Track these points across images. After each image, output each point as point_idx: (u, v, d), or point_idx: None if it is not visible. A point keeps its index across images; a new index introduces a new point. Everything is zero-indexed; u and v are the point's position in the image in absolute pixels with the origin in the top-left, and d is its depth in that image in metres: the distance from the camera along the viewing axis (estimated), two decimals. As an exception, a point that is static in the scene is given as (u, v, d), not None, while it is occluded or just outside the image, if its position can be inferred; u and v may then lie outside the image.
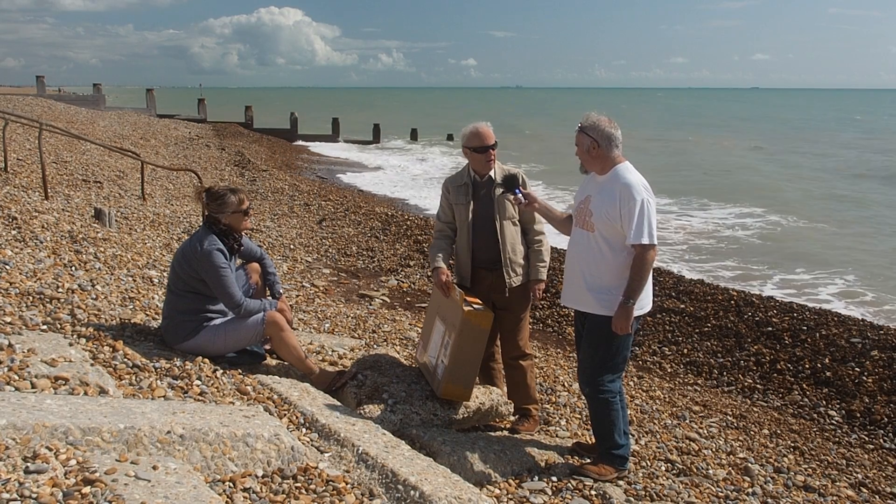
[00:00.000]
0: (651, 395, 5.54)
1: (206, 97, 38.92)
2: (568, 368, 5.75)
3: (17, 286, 3.79)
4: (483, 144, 3.71)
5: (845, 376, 6.12)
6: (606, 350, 3.27)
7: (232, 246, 3.64)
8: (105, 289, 4.28)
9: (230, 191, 3.67)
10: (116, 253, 5.53)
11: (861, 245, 13.63)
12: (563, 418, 4.42)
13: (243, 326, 3.56)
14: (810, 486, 4.06)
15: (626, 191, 3.11)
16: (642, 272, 3.09)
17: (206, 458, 2.39)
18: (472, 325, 3.45)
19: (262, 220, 11.15)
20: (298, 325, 5.32)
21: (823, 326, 7.14)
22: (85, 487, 1.94)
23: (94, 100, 35.01)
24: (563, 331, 7.38)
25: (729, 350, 6.85)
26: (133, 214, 8.48)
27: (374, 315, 6.40)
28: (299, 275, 8.06)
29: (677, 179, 22.98)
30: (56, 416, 2.25)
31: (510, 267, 3.73)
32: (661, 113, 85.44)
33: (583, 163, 3.32)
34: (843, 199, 19.72)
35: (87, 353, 3.14)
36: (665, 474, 3.77)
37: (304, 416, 3.05)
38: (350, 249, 9.94)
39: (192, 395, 3.03)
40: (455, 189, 3.86)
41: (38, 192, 7.87)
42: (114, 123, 23.11)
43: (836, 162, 29.95)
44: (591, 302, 3.25)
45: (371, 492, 2.57)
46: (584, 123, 3.24)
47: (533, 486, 3.21)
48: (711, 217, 16.68)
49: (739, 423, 5.16)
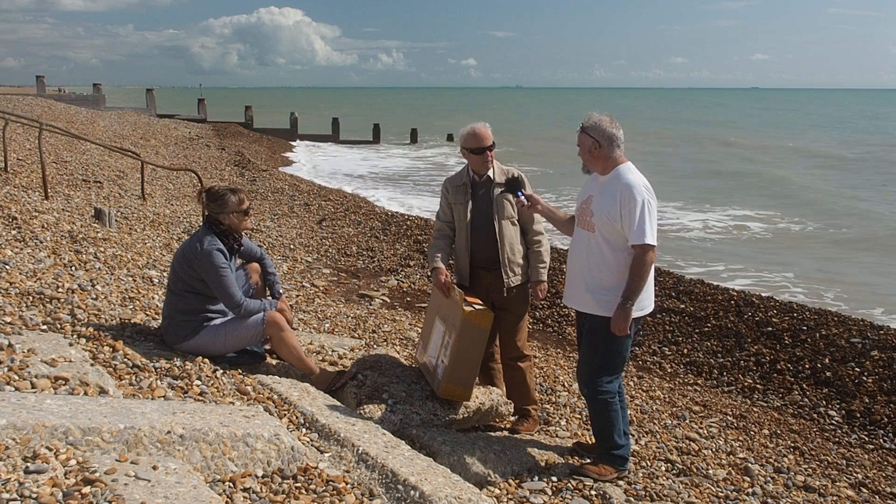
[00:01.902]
0: (651, 395, 5.54)
1: (206, 97, 38.93)
2: (568, 368, 5.75)
3: (17, 286, 3.79)
4: (480, 146, 3.71)
5: (845, 376, 6.12)
6: (605, 351, 3.26)
7: (232, 246, 3.64)
8: (105, 289, 4.28)
9: (230, 191, 3.67)
10: (116, 253, 5.53)
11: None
12: (562, 418, 4.42)
13: (243, 326, 3.56)
14: (810, 486, 4.06)
15: (627, 191, 3.10)
16: (641, 273, 3.09)
17: (206, 458, 2.39)
18: (472, 325, 3.45)
19: (262, 220, 11.15)
20: (298, 325, 5.32)
21: (823, 326, 7.13)
22: (85, 487, 1.94)
23: (94, 100, 35.02)
24: (563, 331, 7.38)
25: (729, 350, 6.85)
26: (133, 214, 8.48)
27: (374, 315, 6.40)
28: (299, 275, 8.06)
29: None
30: (56, 416, 2.24)
31: (508, 267, 3.73)
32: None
33: (585, 163, 3.32)
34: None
35: (87, 353, 3.14)
36: (665, 474, 3.77)
37: (304, 416, 3.05)
38: (350, 249, 9.94)
39: (192, 396, 3.03)
40: (454, 189, 3.86)
41: (38, 192, 7.87)
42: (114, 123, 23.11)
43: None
44: (591, 302, 3.25)
45: (371, 492, 2.57)
46: (586, 124, 3.24)
47: (533, 486, 3.21)
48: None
49: (739, 423, 5.16)
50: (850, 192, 21.44)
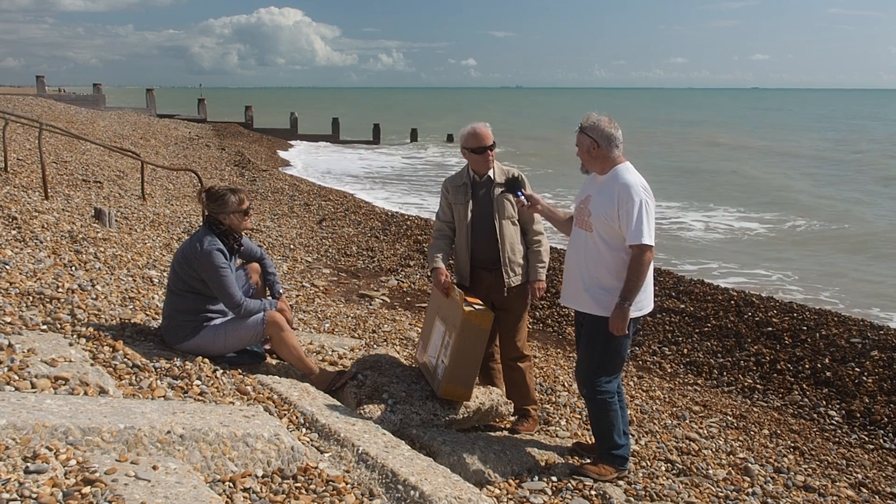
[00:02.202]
0: (651, 395, 5.54)
1: (206, 97, 38.95)
2: (568, 368, 5.75)
3: (17, 286, 3.78)
4: (480, 145, 3.71)
5: (845, 376, 6.12)
6: (604, 351, 3.26)
7: (232, 246, 3.64)
8: (105, 289, 4.28)
9: (230, 191, 3.67)
10: (116, 253, 5.53)
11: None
12: (562, 418, 4.42)
13: (243, 326, 3.56)
14: (810, 486, 4.06)
15: (625, 191, 3.10)
16: (639, 273, 3.09)
17: (206, 458, 2.39)
18: (472, 325, 3.45)
19: (262, 220, 11.15)
20: (298, 325, 5.32)
21: (823, 326, 7.14)
22: (85, 487, 1.94)
23: (94, 100, 35.03)
24: (563, 331, 7.38)
25: (729, 350, 6.85)
26: (133, 214, 8.48)
27: (374, 315, 6.40)
28: (299, 275, 8.06)
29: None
30: (56, 416, 2.24)
31: (509, 266, 3.73)
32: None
33: (583, 163, 3.32)
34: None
35: (87, 353, 3.14)
36: (665, 474, 3.77)
37: (304, 416, 3.05)
38: (350, 249, 9.94)
39: (192, 395, 3.03)
40: (454, 189, 3.86)
41: (38, 192, 7.87)
42: (114, 123, 23.12)
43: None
44: (589, 302, 3.25)
45: (371, 492, 2.57)
46: (585, 123, 3.24)
47: (533, 486, 3.21)
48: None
49: (739, 423, 5.16)
50: (821, 192, 21.37)
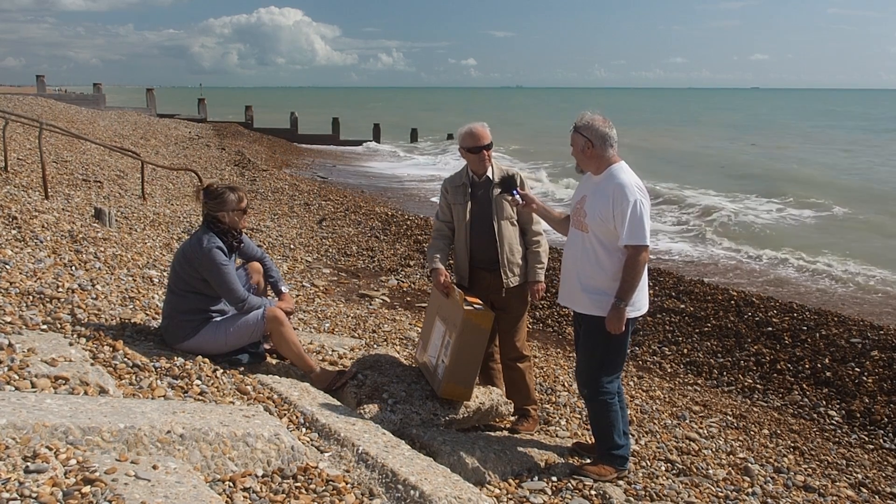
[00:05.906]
0: (651, 395, 5.54)
1: (206, 97, 38.94)
2: (568, 368, 5.75)
3: (17, 286, 3.78)
4: (477, 145, 3.71)
5: (845, 376, 6.12)
6: (603, 351, 3.26)
7: (232, 244, 3.65)
8: (105, 288, 4.28)
9: (229, 189, 3.68)
10: (116, 253, 5.53)
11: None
12: (562, 418, 4.42)
13: (244, 322, 3.56)
14: (810, 486, 4.06)
15: (620, 191, 3.10)
16: (634, 273, 3.09)
17: (206, 457, 2.39)
18: (472, 324, 3.45)
19: (262, 220, 11.14)
20: (298, 325, 5.32)
21: (823, 326, 7.14)
22: (85, 487, 1.94)
23: (94, 99, 35.02)
24: (563, 331, 7.38)
25: (729, 350, 6.85)
26: (133, 214, 8.48)
27: (374, 315, 6.40)
28: (299, 275, 8.06)
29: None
30: (56, 416, 2.24)
31: (508, 267, 3.73)
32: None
33: (578, 163, 3.32)
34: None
35: (87, 353, 3.14)
36: (665, 474, 3.77)
37: (304, 416, 3.05)
38: (350, 249, 9.94)
39: (192, 395, 3.03)
40: (453, 189, 3.86)
41: (39, 192, 7.87)
42: (114, 123, 23.11)
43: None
44: (586, 302, 3.24)
45: (371, 491, 2.57)
46: (579, 123, 3.24)
47: (533, 486, 3.21)
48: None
49: (739, 423, 5.16)
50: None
